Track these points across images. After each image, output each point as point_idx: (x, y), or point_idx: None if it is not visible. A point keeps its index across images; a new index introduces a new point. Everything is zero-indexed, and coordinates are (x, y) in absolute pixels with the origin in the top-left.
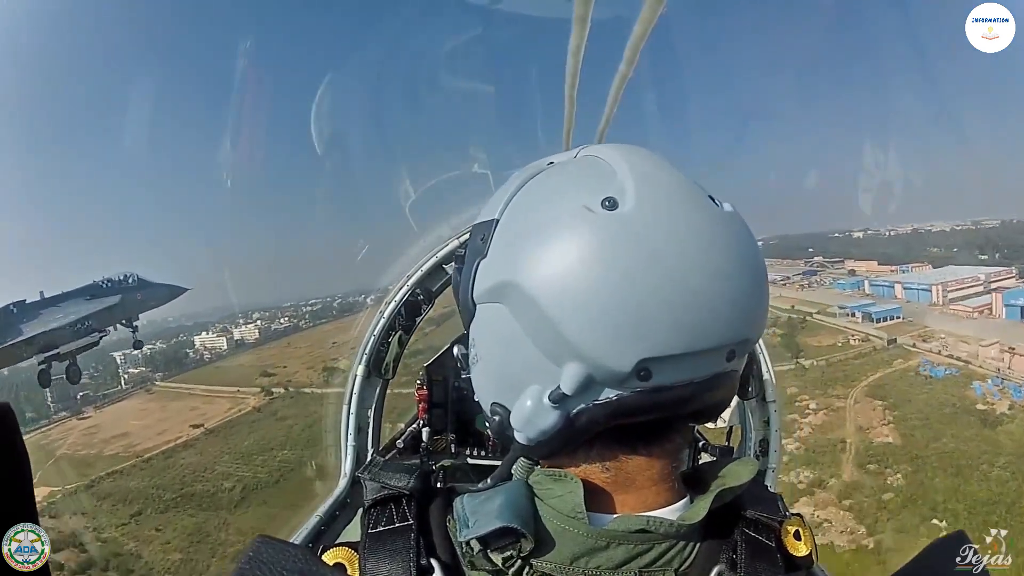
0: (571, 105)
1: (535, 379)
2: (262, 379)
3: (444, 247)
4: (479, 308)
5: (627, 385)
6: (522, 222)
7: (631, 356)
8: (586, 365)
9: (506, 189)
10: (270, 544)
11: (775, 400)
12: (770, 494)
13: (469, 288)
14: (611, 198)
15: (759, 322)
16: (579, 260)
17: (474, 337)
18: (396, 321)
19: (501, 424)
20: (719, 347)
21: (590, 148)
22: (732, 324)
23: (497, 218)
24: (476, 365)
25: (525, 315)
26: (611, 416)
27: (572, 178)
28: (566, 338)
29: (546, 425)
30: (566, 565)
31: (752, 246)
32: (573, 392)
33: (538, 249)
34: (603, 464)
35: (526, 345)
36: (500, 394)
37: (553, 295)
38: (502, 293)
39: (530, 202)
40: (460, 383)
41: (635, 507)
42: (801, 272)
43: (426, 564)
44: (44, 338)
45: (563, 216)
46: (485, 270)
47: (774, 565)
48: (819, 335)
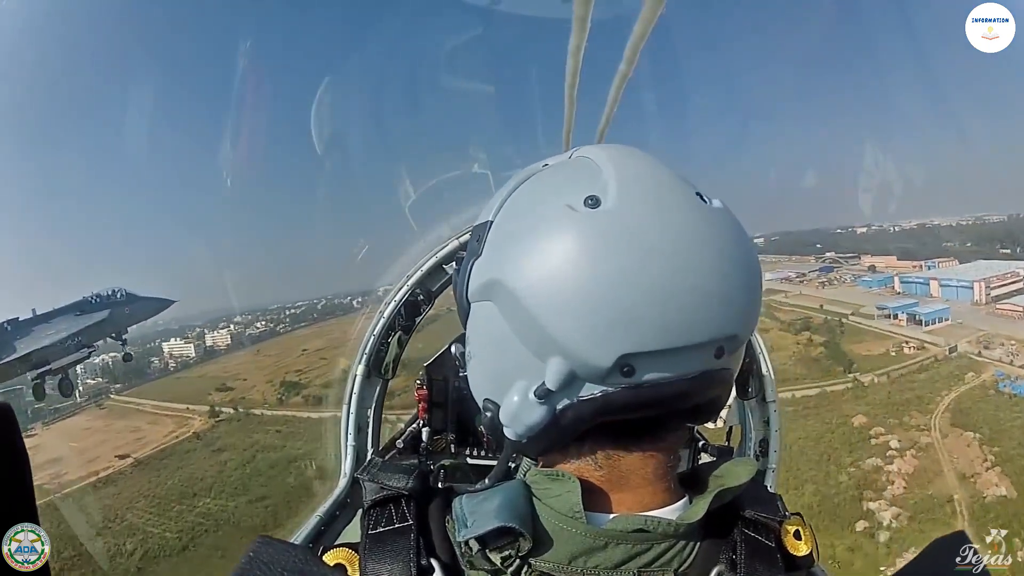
0: (571, 105)
1: (522, 375)
2: (215, 395)
3: (444, 247)
4: (472, 307)
5: (611, 381)
6: (511, 223)
7: (612, 352)
8: (568, 361)
9: (502, 191)
10: (270, 544)
11: (775, 400)
12: (769, 494)
13: (464, 287)
14: (594, 196)
15: (748, 318)
16: (559, 257)
17: (468, 335)
18: (396, 321)
19: (492, 420)
20: (704, 343)
21: (582, 149)
22: (717, 320)
23: (491, 220)
24: (471, 362)
25: (511, 312)
26: (597, 413)
27: (560, 179)
28: (548, 334)
29: (532, 421)
30: (564, 565)
31: (742, 242)
32: (557, 388)
33: (522, 248)
34: (596, 462)
35: (513, 342)
36: (491, 390)
37: (534, 292)
38: (491, 291)
39: (521, 203)
40: (460, 383)
41: (632, 506)
42: (816, 269)
43: (426, 564)
44: (37, 355)
45: (547, 215)
46: (478, 269)
47: (774, 565)
48: (864, 341)
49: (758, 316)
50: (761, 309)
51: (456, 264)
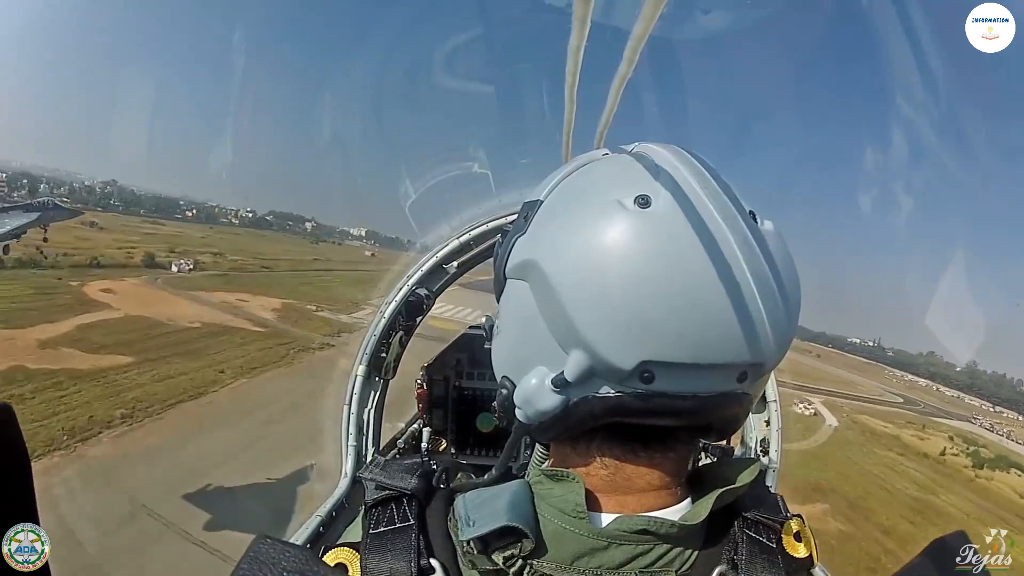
0: (571, 105)
1: (543, 360)
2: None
3: (444, 247)
4: (508, 283)
5: (628, 384)
6: (559, 207)
7: (634, 356)
8: (590, 356)
9: (557, 173)
10: (270, 544)
11: (776, 400)
12: (771, 495)
13: (504, 261)
14: (645, 196)
15: (778, 349)
16: (598, 251)
17: (500, 310)
18: (397, 321)
19: (507, 399)
20: (728, 365)
21: (644, 145)
22: (745, 345)
23: (542, 199)
24: (497, 337)
25: (542, 296)
26: (608, 412)
27: (615, 172)
28: (575, 326)
29: (545, 407)
30: (566, 565)
31: (787, 269)
32: (575, 380)
33: (564, 235)
34: (603, 464)
35: (540, 326)
36: (511, 369)
37: (569, 281)
38: (527, 271)
39: (572, 189)
40: (460, 383)
41: (635, 509)
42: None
43: (426, 564)
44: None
45: (594, 207)
46: (520, 246)
47: (775, 566)
48: None
49: (789, 347)
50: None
51: (500, 238)
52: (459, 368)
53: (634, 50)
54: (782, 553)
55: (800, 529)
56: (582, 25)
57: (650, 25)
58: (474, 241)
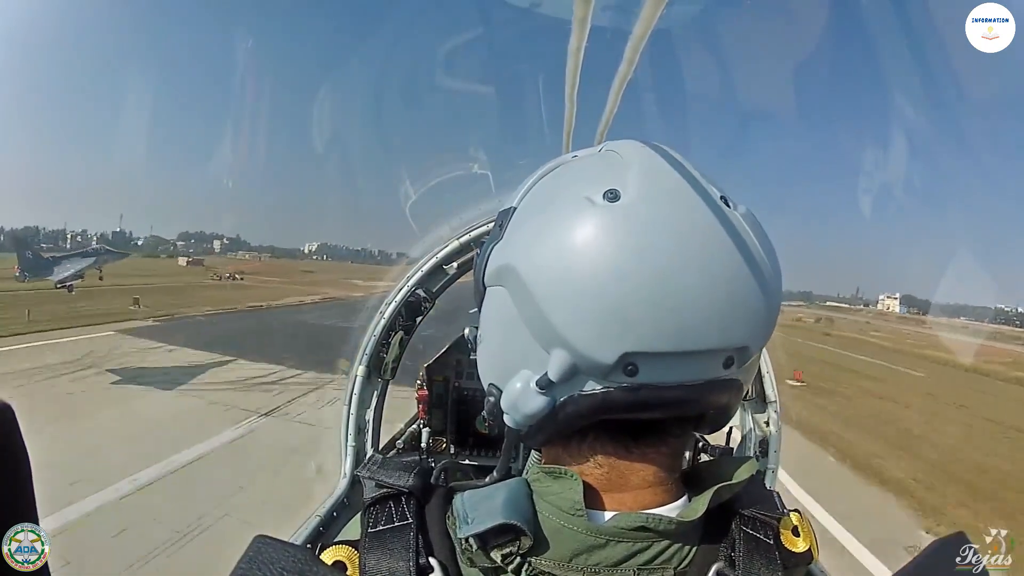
0: (571, 105)
1: (527, 363)
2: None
3: (444, 247)
4: (487, 290)
5: (612, 379)
6: (532, 210)
7: (615, 349)
8: (571, 354)
9: (529, 179)
10: (269, 544)
11: (775, 400)
12: (768, 492)
13: (482, 270)
14: (613, 190)
15: (761, 330)
16: (571, 248)
17: (481, 318)
18: (396, 321)
19: (495, 405)
20: (712, 351)
21: (612, 143)
22: (727, 329)
23: (515, 206)
24: (480, 345)
25: (520, 300)
26: (596, 409)
27: (584, 171)
28: (553, 324)
29: (531, 410)
30: (565, 562)
31: (763, 250)
32: (559, 379)
33: (536, 235)
34: (596, 462)
35: (521, 330)
36: (496, 376)
37: (543, 280)
38: (504, 276)
39: (543, 192)
40: (460, 383)
41: (632, 506)
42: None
43: (425, 563)
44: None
45: (565, 206)
46: (496, 253)
47: (772, 562)
48: None
49: (773, 329)
50: (777, 321)
51: (477, 249)
52: (459, 368)
53: (634, 50)
54: (780, 548)
55: (799, 523)
56: (582, 26)
57: (650, 25)
58: (474, 242)
